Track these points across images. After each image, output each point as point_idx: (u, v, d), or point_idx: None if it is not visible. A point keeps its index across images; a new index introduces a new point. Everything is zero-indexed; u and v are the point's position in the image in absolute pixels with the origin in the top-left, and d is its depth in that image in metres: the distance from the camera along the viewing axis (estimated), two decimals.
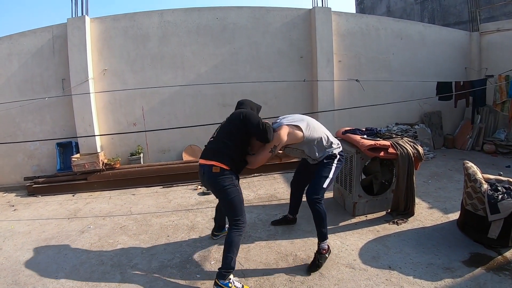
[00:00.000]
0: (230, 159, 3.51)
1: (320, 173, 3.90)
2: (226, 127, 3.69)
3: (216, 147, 3.58)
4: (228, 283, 3.33)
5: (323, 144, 3.90)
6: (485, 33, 10.01)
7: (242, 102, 4.06)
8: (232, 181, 3.51)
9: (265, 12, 8.35)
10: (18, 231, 5.16)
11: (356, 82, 8.28)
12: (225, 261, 3.39)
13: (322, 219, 3.81)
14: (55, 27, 7.63)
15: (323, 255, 3.79)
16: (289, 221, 4.86)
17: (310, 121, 3.94)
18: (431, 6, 15.90)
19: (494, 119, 9.37)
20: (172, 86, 7.96)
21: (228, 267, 3.37)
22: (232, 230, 3.50)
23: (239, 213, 3.54)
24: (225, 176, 3.46)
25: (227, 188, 3.47)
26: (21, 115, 7.69)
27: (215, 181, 3.48)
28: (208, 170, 3.49)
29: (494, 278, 3.40)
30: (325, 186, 3.85)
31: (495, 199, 3.79)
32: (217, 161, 3.46)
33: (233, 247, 3.43)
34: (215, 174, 3.46)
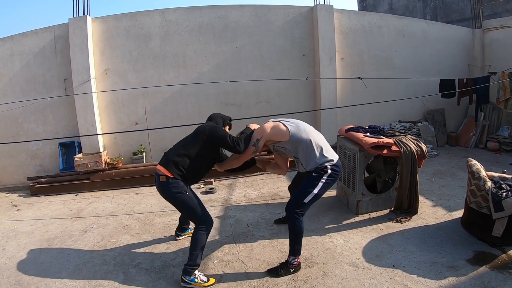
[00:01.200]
0: (178, 168, 3.55)
1: (305, 186, 3.62)
2: (186, 138, 3.78)
3: (169, 154, 3.69)
4: (194, 278, 3.48)
5: (312, 151, 3.61)
6: (488, 30, 9.96)
7: (211, 117, 4.05)
8: (179, 189, 3.54)
9: (267, 10, 8.33)
10: (21, 231, 5.17)
11: (358, 80, 8.24)
12: (190, 258, 3.52)
13: (297, 235, 3.62)
14: (57, 27, 7.64)
15: (288, 268, 3.65)
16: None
17: (304, 124, 3.78)
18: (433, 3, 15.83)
19: (497, 117, 9.33)
20: (175, 85, 7.95)
21: (193, 263, 3.51)
22: (197, 229, 3.63)
23: (197, 216, 3.64)
24: (171, 184, 3.52)
25: (175, 195, 3.56)
26: (24, 115, 7.70)
27: (163, 189, 3.59)
28: (157, 179, 3.58)
29: (498, 276, 3.38)
30: (306, 201, 3.55)
31: (499, 196, 3.77)
32: (164, 168, 3.54)
33: (197, 245, 3.55)
34: (161, 183, 3.54)
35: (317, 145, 3.64)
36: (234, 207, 5.70)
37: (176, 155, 3.59)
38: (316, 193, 3.56)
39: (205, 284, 3.47)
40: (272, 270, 3.66)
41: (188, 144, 3.66)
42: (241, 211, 5.46)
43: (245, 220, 5.10)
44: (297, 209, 3.57)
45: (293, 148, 3.69)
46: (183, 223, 4.54)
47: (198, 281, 3.46)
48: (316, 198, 3.60)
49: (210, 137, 3.59)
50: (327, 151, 3.68)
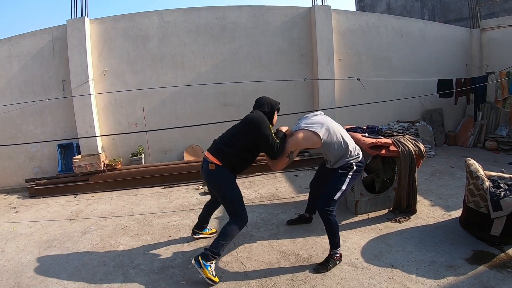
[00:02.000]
0: (227, 157, 3.57)
1: (333, 184, 3.82)
2: (236, 127, 3.79)
3: (219, 142, 3.72)
4: (208, 266, 3.48)
5: (341, 151, 3.81)
6: (485, 30, 9.99)
7: (260, 102, 3.96)
8: (227, 179, 3.58)
9: (265, 11, 8.34)
10: (20, 233, 5.16)
11: (357, 80, 8.25)
12: (216, 246, 3.52)
13: (334, 229, 3.74)
14: (55, 29, 7.63)
15: (334, 260, 3.75)
16: (305, 219, 4.83)
17: (331, 124, 3.83)
18: (431, 3, 15.84)
19: (495, 116, 9.35)
20: (173, 86, 7.95)
21: (217, 252, 3.52)
22: (232, 222, 3.63)
23: (238, 210, 3.63)
24: (219, 173, 3.54)
25: (220, 184, 3.59)
26: (22, 117, 7.69)
27: (210, 177, 3.61)
28: (205, 165, 3.59)
29: (497, 275, 3.39)
30: (336, 198, 3.74)
31: (498, 196, 3.78)
32: (213, 156, 3.57)
33: (228, 236, 3.58)
34: (210, 171, 3.55)
35: (346, 145, 3.82)
36: None
37: (224, 144, 3.63)
38: (344, 189, 3.79)
39: (211, 277, 3.47)
40: (321, 266, 3.72)
41: (236, 133, 3.69)
42: None
43: None
44: (327, 207, 3.72)
45: (323, 150, 3.92)
46: (203, 221, 4.53)
47: (210, 270, 3.47)
48: (344, 194, 3.83)
49: (254, 131, 3.58)
50: (354, 149, 3.89)
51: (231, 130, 3.78)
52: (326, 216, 3.72)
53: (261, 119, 3.63)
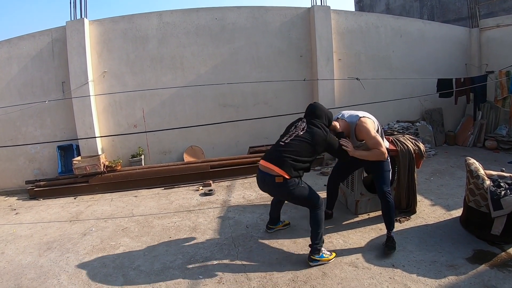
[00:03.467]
0: (295, 170, 3.62)
1: (382, 168, 4.10)
2: (303, 140, 3.72)
3: (285, 156, 3.63)
4: (323, 255, 3.77)
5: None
6: (485, 29, 9.99)
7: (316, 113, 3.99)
8: (296, 185, 3.66)
9: (264, 12, 8.34)
10: (20, 235, 5.16)
11: (356, 80, 8.26)
12: (316, 237, 3.74)
13: (392, 210, 4.03)
14: (54, 30, 7.63)
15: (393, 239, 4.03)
16: (328, 216, 4.83)
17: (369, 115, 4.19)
18: (430, 3, 15.85)
19: (495, 115, 9.34)
20: (172, 87, 7.94)
21: (320, 241, 3.76)
22: (314, 211, 3.78)
23: (314, 201, 3.78)
24: (288, 183, 3.59)
25: (292, 191, 3.66)
26: (22, 118, 7.69)
27: (278, 190, 3.72)
28: (270, 180, 3.62)
29: (498, 274, 3.38)
30: (390, 178, 4.19)
31: (498, 195, 3.77)
32: (280, 169, 3.58)
33: (320, 224, 3.76)
34: (277, 184, 3.60)
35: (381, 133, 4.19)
36: (233, 208, 5.70)
37: (293, 160, 3.61)
38: (390, 169, 4.22)
39: (330, 257, 3.79)
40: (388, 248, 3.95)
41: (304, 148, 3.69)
42: (240, 213, 5.46)
43: (244, 221, 5.10)
44: (388, 188, 4.10)
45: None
46: (274, 216, 4.62)
47: (326, 256, 3.77)
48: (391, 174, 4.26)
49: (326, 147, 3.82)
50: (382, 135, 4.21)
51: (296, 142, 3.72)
52: (386, 198, 4.01)
53: (329, 137, 3.80)
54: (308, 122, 3.88)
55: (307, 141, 3.70)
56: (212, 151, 8.35)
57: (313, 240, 3.74)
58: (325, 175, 7.19)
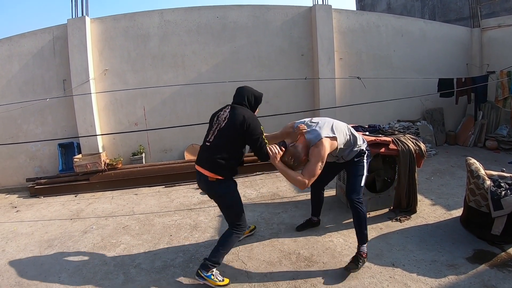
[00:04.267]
0: (226, 170, 3.38)
1: (355, 172, 3.88)
2: (225, 133, 3.42)
3: (212, 157, 3.37)
4: (211, 275, 3.41)
5: (352, 144, 3.80)
6: (486, 29, 9.99)
7: (242, 94, 3.77)
8: (229, 188, 3.46)
9: (266, 10, 8.34)
10: (20, 232, 5.17)
11: (357, 80, 8.26)
12: (215, 255, 3.44)
13: (362, 219, 3.72)
14: (55, 28, 7.64)
15: (363, 258, 3.65)
16: (314, 223, 4.69)
17: (338, 125, 3.72)
18: (431, 3, 15.84)
19: (496, 115, 9.34)
20: (173, 85, 7.95)
21: (216, 261, 3.44)
22: (232, 230, 3.52)
23: (239, 218, 3.54)
24: (221, 184, 3.39)
25: (224, 195, 3.47)
26: (23, 116, 7.70)
27: (212, 188, 3.45)
28: (205, 178, 3.39)
29: (498, 274, 3.39)
30: (362, 184, 3.85)
31: (498, 195, 3.78)
32: (213, 173, 3.34)
33: (228, 245, 3.52)
34: (211, 183, 3.38)
35: (353, 137, 3.82)
36: None
37: (221, 157, 3.33)
38: (365, 174, 3.90)
39: (219, 283, 3.42)
40: (351, 266, 3.58)
41: (228, 142, 3.39)
42: None
43: None
44: (358, 196, 3.78)
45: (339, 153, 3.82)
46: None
47: (214, 278, 3.40)
48: (366, 179, 3.94)
49: (246, 133, 3.34)
50: (357, 136, 3.92)
51: (219, 140, 3.42)
52: (355, 205, 3.73)
53: (252, 119, 3.43)
54: (231, 108, 3.61)
55: (230, 133, 3.39)
56: None
57: (210, 255, 3.45)
58: None
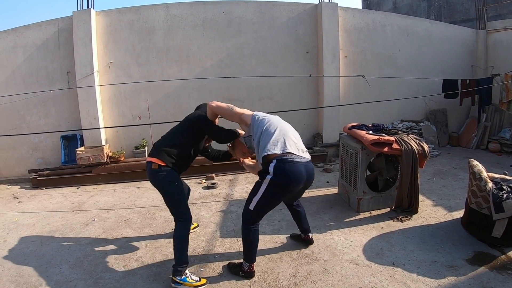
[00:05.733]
0: (170, 157, 3.56)
1: (253, 188, 3.43)
2: (177, 127, 3.88)
3: (160, 144, 3.68)
4: (186, 278, 3.40)
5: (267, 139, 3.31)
6: (492, 31, 9.95)
7: (200, 106, 4.25)
8: (170, 178, 3.55)
9: (271, 7, 8.32)
10: (22, 224, 5.19)
11: (361, 78, 8.25)
12: (177, 257, 3.44)
13: (250, 243, 3.49)
14: (61, 20, 7.64)
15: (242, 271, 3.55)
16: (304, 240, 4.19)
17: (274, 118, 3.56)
18: (437, 3, 15.81)
19: (499, 118, 9.33)
20: (178, 79, 7.95)
21: (181, 262, 3.43)
22: (178, 226, 3.56)
23: (180, 209, 3.60)
24: (162, 172, 3.50)
25: (165, 184, 3.54)
26: (26, 107, 7.71)
27: (154, 177, 3.54)
28: (149, 166, 3.56)
29: (497, 277, 3.39)
30: (251, 207, 3.35)
31: (500, 198, 3.77)
32: (156, 158, 3.53)
33: (182, 243, 3.50)
34: (153, 171, 3.51)
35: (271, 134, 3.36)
36: (236, 202, 5.71)
37: (166, 145, 3.62)
38: (258, 198, 3.32)
39: (196, 284, 3.38)
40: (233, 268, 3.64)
41: (178, 131, 3.78)
42: (243, 207, 5.39)
43: None
44: (246, 217, 3.49)
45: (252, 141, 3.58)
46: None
47: (189, 280, 3.38)
48: (262, 206, 3.41)
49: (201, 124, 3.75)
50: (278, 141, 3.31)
51: (170, 132, 3.86)
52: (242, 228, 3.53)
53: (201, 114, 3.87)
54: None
55: (177, 125, 3.91)
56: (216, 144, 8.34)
57: (175, 260, 3.44)
58: (328, 172, 7.20)
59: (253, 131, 3.51)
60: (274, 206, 3.50)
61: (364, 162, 4.97)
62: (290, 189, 3.27)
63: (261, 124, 3.44)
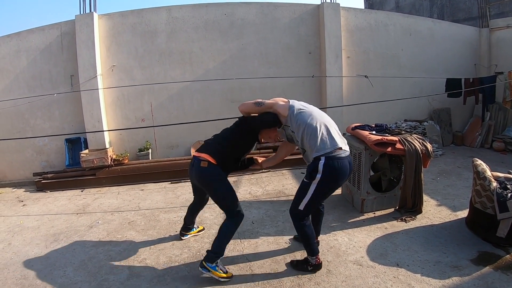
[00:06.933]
0: (221, 156, 3.56)
1: (299, 187, 3.48)
2: (229, 128, 3.84)
3: (212, 142, 3.72)
4: (215, 266, 3.48)
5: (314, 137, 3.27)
6: (495, 29, 9.92)
7: None
8: (219, 175, 3.55)
9: (273, 8, 8.33)
10: (27, 226, 5.21)
11: (364, 78, 8.24)
12: (217, 246, 3.51)
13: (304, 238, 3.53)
14: (63, 24, 7.68)
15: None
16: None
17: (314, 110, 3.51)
18: (440, 2, 15.76)
19: (503, 117, 9.28)
20: (181, 81, 7.97)
21: (219, 251, 3.51)
22: (229, 220, 3.58)
23: (231, 206, 3.60)
24: (212, 170, 3.51)
25: (214, 181, 3.55)
26: (30, 111, 7.76)
27: (202, 174, 3.54)
28: (197, 163, 3.55)
29: (502, 277, 3.37)
30: (301, 208, 3.37)
31: (504, 197, 3.76)
32: (207, 154, 3.54)
33: (227, 235, 3.56)
34: (202, 168, 3.50)
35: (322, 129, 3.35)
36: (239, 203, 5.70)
37: (218, 143, 3.66)
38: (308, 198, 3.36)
39: (223, 275, 3.48)
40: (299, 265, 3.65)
41: (228, 130, 3.81)
42: (246, 208, 5.45)
43: (250, 217, 5.10)
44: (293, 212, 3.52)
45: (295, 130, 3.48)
46: (188, 222, 4.48)
47: (218, 270, 3.47)
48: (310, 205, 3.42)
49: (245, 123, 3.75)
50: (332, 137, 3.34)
51: (222, 132, 3.86)
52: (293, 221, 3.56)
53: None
54: None
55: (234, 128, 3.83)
56: None
57: (213, 247, 3.52)
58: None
59: (291, 123, 3.46)
60: (322, 201, 3.64)
61: (368, 162, 4.95)
62: (339, 185, 3.46)
63: (302, 118, 3.39)
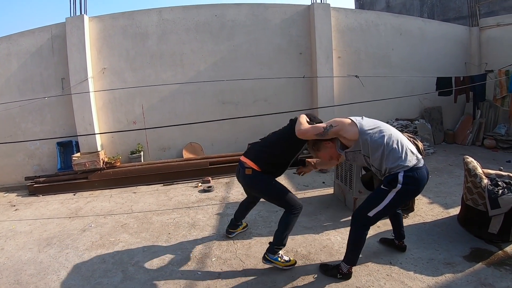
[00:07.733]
0: (265, 163, 3.61)
1: (371, 194, 3.35)
2: (277, 133, 3.80)
3: (257, 147, 3.77)
4: (278, 257, 3.62)
5: (394, 158, 3.11)
6: (485, 28, 10.00)
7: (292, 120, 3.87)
8: (264, 181, 3.62)
9: (264, 9, 8.35)
10: (19, 231, 5.17)
11: (355, 78, 8.26)
12: (279, 238, 3.61)
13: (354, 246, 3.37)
14: (54, 27, 7.64)
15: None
16: (397, 247, 4.00)
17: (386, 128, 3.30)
18: (430, 1, 15.86)
19: (494, 114, 9.36)
20: (172, 84, 7.94)
21: (281, 243, 3.62)
22: (288, 213, 3.63)
23: (287, 202, 3.65)
24: (256, 177, 3.59)
25: (261, 187, 3.67)
26: (21, 115, 7.70)
27: (248, 182, 3.69)
28: (242, 170, 3.64)
29: (495, 273, 3.40)
30: (370, 214, 3.20)
31: (496, 194, 3.79)
32: (251, 161, 3.62)
33: (288, 227, 3.62)
34: (247, 176, 3.60)
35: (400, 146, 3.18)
36: (232, 205, 5.70)
37: (264, 151, 3.67)
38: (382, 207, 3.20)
39: (287, 264, 3.62)
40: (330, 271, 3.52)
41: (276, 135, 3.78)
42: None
43: None
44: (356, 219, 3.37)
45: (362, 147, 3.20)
46: (238, 219, 4.48)
47: (281, 260, 3.60)
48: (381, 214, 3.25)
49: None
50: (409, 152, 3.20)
51: (270, 136, 3.83)
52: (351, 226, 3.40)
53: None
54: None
55: (281, 133, 3.75)
56: (211, 147, 8.37)
57: (274, 240, 3.64)
58: (324, 172, 7.19)
59: (364, 147, 3.18)
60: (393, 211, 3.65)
61: None
62: (417, 194, 3.38)
63: (378, 140, 3.15)
